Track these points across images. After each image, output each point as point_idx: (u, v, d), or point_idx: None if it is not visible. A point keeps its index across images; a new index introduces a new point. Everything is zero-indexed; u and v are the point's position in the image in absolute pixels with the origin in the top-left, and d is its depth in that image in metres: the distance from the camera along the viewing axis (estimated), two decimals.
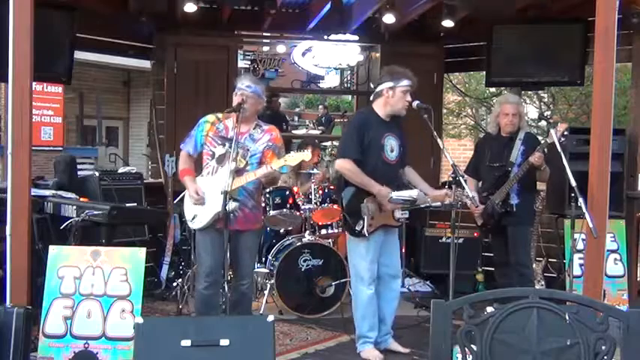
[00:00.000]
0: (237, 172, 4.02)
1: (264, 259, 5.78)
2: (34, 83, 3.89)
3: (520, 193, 4.87)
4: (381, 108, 4.39)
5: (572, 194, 3.99)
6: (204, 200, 4.12)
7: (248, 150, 4.16)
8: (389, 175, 4.32)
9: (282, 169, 4.23)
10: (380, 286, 4.45)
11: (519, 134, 4.91)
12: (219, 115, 4.27)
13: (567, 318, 2.22)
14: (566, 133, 4.12)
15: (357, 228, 4.31)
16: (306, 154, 4.06)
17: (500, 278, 5.11)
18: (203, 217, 4.11)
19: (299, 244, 5.48)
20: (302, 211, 5.59)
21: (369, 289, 4.36)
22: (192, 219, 4.19)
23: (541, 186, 5.57)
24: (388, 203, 4.24)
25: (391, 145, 4.37)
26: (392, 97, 4.33)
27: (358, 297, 4.42)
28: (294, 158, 4.02)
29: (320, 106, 16.37)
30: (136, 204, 5.55)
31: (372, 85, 4.62)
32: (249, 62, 13.44)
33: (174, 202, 5.76)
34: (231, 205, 3.93)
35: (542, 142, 4.69)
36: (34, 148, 3.93)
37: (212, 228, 4.10)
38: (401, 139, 4.43)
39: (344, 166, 4.32)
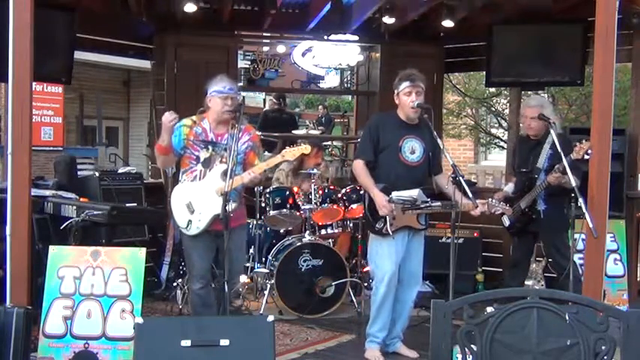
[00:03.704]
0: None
1: (264, 259, 5.78)
2: (34, 83, 3.89)
3: (547, 199, 4.76)
4: (400, 113, 4.39)
5: (572, 194, 3.99)
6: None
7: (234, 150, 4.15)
8: (409, 177, 4.29)
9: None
10: (400, 287, 4.42)
11: (548, 137, 4.69)
12: (194, 118, 4.21)
13: (567, 318, 2.22)
14: (590, 151, 3.98)
15: (377, 226, 4.30)
16: (305, 148, 4.05)
17: (510, 280, 5.04)
18: (201, 222, 4.05)
19: (299, 244, 5.47)
20: (302, 211, 5.58)
21: (384, 290, 4.32)
22: (187, 226, 4.10)
23: None
24: (383, 209, 4.21)
25: (412, 148, 4.32)
26: (399, 102, 4.33)
27: (374, 296, 4.41)
28: (291, 153, 4.00)
29: (320, 107, 16.32)
30: (136, 204, 5.54)
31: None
32: (249, 62, 13.35)
33: None
34: (232, 205, 3.94)
35: (567, 158, 4.29)
36: (34, 148, 3.93)
37: (204, 231, 4.08)
38: (426, 143, 4.34)
39: (354, 165, 4.43)
